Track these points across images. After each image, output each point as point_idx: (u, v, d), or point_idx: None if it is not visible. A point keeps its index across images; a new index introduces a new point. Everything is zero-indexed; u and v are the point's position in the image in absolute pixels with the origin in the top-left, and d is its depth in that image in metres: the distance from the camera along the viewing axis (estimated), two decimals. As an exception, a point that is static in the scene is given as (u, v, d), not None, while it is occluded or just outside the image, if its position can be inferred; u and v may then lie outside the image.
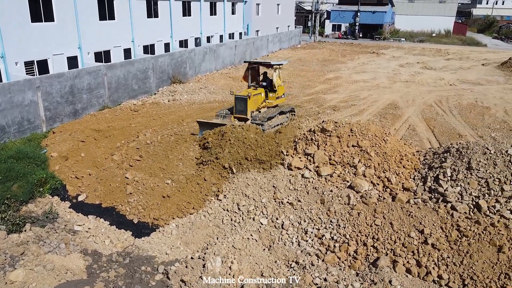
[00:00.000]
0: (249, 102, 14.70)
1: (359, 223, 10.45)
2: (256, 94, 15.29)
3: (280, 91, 16.41)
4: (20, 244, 9.78)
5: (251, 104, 14.94)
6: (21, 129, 15.09)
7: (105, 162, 14.20)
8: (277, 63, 16.05)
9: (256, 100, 15.37)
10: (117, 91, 19.64)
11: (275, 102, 16.32)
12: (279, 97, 16.44)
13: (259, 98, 15.60)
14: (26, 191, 11.61)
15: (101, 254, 9.81)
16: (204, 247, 10.38)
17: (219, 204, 11.80)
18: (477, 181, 10.65)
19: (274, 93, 16.11)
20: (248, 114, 14.90)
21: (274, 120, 15.50)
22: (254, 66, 16.33)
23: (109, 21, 23.03)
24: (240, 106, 14.95)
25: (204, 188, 12.26)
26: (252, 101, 14.96)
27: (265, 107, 16.04)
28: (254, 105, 15.27)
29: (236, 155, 12.72)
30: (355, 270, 9.60)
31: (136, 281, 8.80)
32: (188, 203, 12.07)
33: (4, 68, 17.02)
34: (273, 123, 15.40)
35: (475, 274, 9.00)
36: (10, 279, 8.63)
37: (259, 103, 15.64)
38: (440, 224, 10.04)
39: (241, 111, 14.98)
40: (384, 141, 12.48)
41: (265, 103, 15.96)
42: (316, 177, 12.07)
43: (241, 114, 15.00)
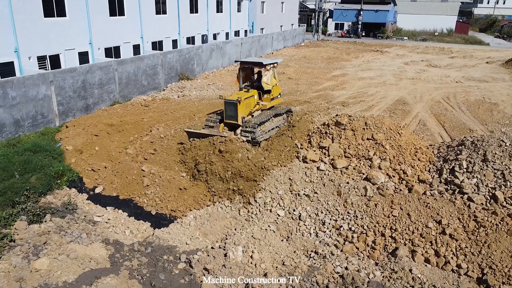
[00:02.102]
0: (239, 107, 13.62)
1: (377, 214, 10.54)
2: (247, 98, 14.17)
3: (275, 92, 15.38)
4: (42, 234, 9.86)
5: (242, 109, 13.83)
6: (35, 123, 15.17)
7: (119, 155, 14.31)
8: (271, 62, 14.88)
9: (248, 104, 14.23)
10: (127, 87, 19.72)
11: (270, 104, 15.20)
12: (274, 98, 15.43)
13: (251, 101, 14.44)
14: (45, 183, 11.70)
15: (123, 243, 9.91)
16: (223, 237, 10.48)
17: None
18: (493, 173, 10.76)
19: (268, 94, 15.07)
20: (239, 119, 13.82)
21: (267, 125, 14.63)
22: (246, 65, 15.12)
23: (119, 17, 23.13)
24: (230, 111, 13.80)
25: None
26: (243, 105, 13.87)
27: (259, 110, 14.99)
28: (246, 109, 14.14)
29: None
30: (374, 260, 9.70)
31: (159, 270, 8.89)
32: (204, 196, 12.19)
33: (18, 63, 17.12)
34: (267, 127, 14.52)
35: (494, 263, 9.10)
36: (35, 267, 8.71)
37: (251, 107, 14.48)
38: (457, 215, 10.14)
39: (231, 116, 13.86)
40: (398, 134, 12.58)
41: (258, 106, 14.87)
42: (332, 170, 12.17)
43: (231, 119, 13.91)
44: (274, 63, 15.04)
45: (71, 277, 8.54)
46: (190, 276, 8.67)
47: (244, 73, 15.31)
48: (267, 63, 14.55)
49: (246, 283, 8.44)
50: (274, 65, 15.06)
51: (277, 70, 15.35)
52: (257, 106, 14.83)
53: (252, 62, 15.01)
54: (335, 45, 48.52)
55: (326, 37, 60.13)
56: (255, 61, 15.05)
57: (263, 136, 14.08)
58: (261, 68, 14.67)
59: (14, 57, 17.06)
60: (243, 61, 15.17)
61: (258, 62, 14.71)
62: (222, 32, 35.44)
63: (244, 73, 15.34)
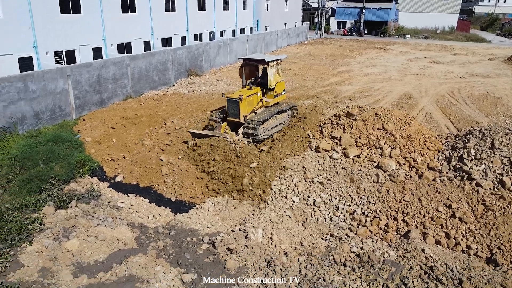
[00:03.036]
0: (241, 105, 13.60)
1: (389, 199, 10.99)
2: (250, 95, 14.10)
3: (279, 89, 15.31)
4: (70, 218, 10.33)
5: (244, 107, 13.80)
6: (53, 116, 15.63)
7: (135, 147, 14.77)
8: (274, 58, 14.69)
9: (250, 102, 14.21)
10: (139, 82, 20.18)
11: (273, 101, 15.18)
12: (278, 95, 15.34)
13: (254, 99, 14.40)
14: (68, 171, 12.16)
15: (147, 227, 10.37)
16: (241, 222, 10.94)
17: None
18: (500, 159, 11.20)
19: (272, 91, 15.00)
20: (241, 117, 13.81)
21: (270, 122, 14.54)
22: (250, 62, 14.97)
23: (130, 14, 23.63)
24: (233, 109, 13.79)
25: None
26: (246, 103, 13.84)
27: (262, 107, 14.95)
28: (249, 106, 14.11)
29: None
30: (387, 242, 10.14)
31: (184, 250, 9.35)
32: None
33: (36, 57, 17.61)
34: (269, 125, 14.45)
35: (502, 244, 9.53)
36: (66, 247, 9.19)
37: (254, 104, 14.45)
38: (466, 200, 10.58)
39: (233, 114, 13.88)
40: (408, 124, 13.02)
41: (261, 103, 14.80)
42: (344, 158, 12.62)
43: (233, 117, 13.93)
44: (278, 60, 14.87)
45: (102, 256, 9.01)
46: (214, 256, 9.13)
47: (247, 69, 15.20)
48: (270, 60, 14.37)
49: (268, 261, 8.90)
50: (278, 62, 14.92)
51: (281, 67, 15.29)
52: (260, 103, 14.73)
53: (255, 59, 14.85)
54: (338, 42, 48.97)
55: (328, 35, 60.56)
56: (258, 58, 14.86)
57: (266, 134, 14.06)
58: (264, 65, 14.53)
59: (32, 52, 17.57)
60: (246, 58, 14.98)
61: (261, 59, 14.53)
62: (228, 30, 35.93)
63: (248, 70, 15.22)
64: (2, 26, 16.56)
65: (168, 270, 8.66)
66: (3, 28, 16.60)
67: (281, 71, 15.23)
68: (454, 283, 8.28)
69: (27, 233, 9.50)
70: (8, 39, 16.83)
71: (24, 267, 8.55)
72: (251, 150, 13.08)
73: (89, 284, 8.17)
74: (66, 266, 8.70)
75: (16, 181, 11.38)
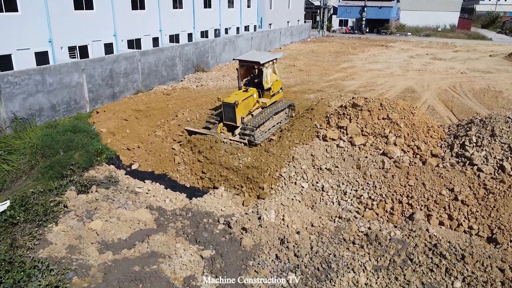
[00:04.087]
0: (237, 109, 13.62)
1: (394, 184, 11.53)
2: (246, 98, 13.98)
3: (275, 88, 15.16)
4: (91, 202, 10.88)
5: (241, 110, 13.80)
6: (68, 108, 16.19)
7: (148, 137, 15.33)
8: (269, 59, 14.43)
9: (247, 104, 14.12)
10: (149, 77, 20.73)
11: (271, 101, 15.08)
12: (274, 94, 15.25)
13: (250, 101, 14.29)
14: (86, 159, 12.71)
15: (165, 210, 10.92)
16: (254, 205, 11.49)
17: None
18: (501, 146, 11.73)
19: (268, 91, 14.82)
20: (238, 121, 13.86)
21: (267, 124, 14.51)
22: (244, 63, 14.76)
23: (140, 11, 24.21)
24: (229, 113, 13.82)
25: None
26: (242, 107, 13.81)
27: (259, 107, 14.87)
28: (245, 109, 14.05)
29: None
30: (393, 224, 10.68)
31: (201, 230, 9.90)
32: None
33: (52, 52, 18.19)
34: (267, 127, 14.45)
35: (502, 224, 10.06)
36: (90, 227, 9.74)
37: (251, 106, 14.33)
38: (468, 184, 11.11)
39: (230, 118, 13.91)
40: (412, 114, 13.55)
41: (258, 104, 14.68)
42: (350, 147, 13.16)
43: (230, 121, 14.00)
44: (273, 60, 14.63)
45: (124, 235, 9.57)
46: (229, 235, 9.67)
47: (243, 70, 15.00)
48: (264, 61, 14.09)
49: (281, 239, 9.44)
50: (273, 62, 14.67)
51: (277, 66, 15.16)
52: (256, 104, 14.59)
53: (250, 61, 14.50)
54: (340, 40, 49.47)
55: (330, 33, 61.05)
56: (253, 59, 14.46)
57: (263, 137, 14.09)
58: (258, 67, 14.29)
59: (48, 47, 18.16)
60: (241, 59, 14.74)
61: (256, 61, 14.19)
62: (233, 27, 36.50)
63: (244, 70, 15.04)
64: (20, 21, 17.17)
65: (188, 247, 9.21)
66: (21, 24, 17.22)
67: (282, 68, 15.54)
68: (457, 258, 8.81)
69: (52, 215, 10.05)
70: (25, 34, 17.45)
71: (52, 245, 9.10)
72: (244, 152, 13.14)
73: (114, 260, 8.71)
74: (92, 243, 9.25)
75: (39, 168, 11.94)
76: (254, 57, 14.68)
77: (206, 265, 8.69)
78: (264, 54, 15.09)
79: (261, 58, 14.40)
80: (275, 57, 14.92)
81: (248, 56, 15.07)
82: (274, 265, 8.70)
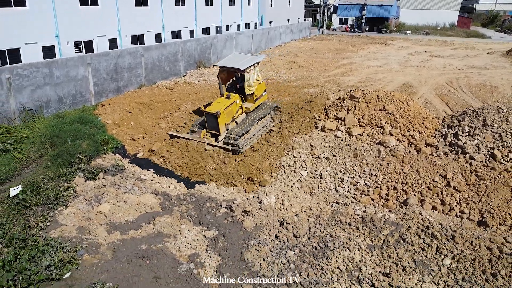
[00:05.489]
0: (220, 119, 13.62)
1: (389, 172, 12.00)
2: (229, 106, 13.94)
3: (259, 91, 15.04)
4: (99, 187, 11.37)
5: (223, 119, 13.79)
6: (75, 101, 16.67)
7: (152, 129, 15.81)
8: (250, 64, 14.26)
9: (230, 112, 14.07)
10: (152, 72, 21.21)
11: (254, 105, 14.99)
12: (258, 98, 15.14)
13: (233, 108, 14.23)
14: (93, 148, 13.20)
15: (170, 195, 11.40)
16: (254, 191, 11.96)
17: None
18: (492, 135, 12.20)
19: (252, 96, 14.76)
20: (221, 130, 13.89)
21: (252, 131, 14.49)
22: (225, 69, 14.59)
23: (143, 7, 24.72)
24: (211, 122, 13.81)
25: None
26: (224, 115, 13.79)
27: (243, 113, 14.81)
28: (228, 117, 14.02)
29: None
30: (387, 208, 11.15)
31: (204, 213, 10.38)
32: (234, 160, 13.65)
33: (58, 46, 18.69)
34: (251, 134, 14.42)
35: (492, 208, 10.54)
36: (99, 210, 10.23)
37: (234, 113, 14.28)
38: (461, 171, 11.59)
39: (213, 127, 13.92)
40: (407, 105, 14.02)
41: (242, 110, 14.65)
42: (348, 137, 13.63)
43: (213, 130, 14.01)
44: (254, 64, 14.50)
45: (131, 217, 10.05)
46: (231, 217, 10.14)
47: (225, 76, 14.93)
48: (245, 67, 13.94)
49: (281, 221, 9.91)
50: (255, 66, 14.55)
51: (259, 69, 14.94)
52: (240, 110, 14.51)
53: (231, 67, 14.28)
54: (340, 38, 49.92)
55: (330, 31, 61.50)
56: (233, 66, 14.21)
57: (248, 144, 14.06)
58: (239, 73, 14.17)
59: (55, 41, 18.68)
60: (221, 66, 14.56)
61: (236, 68, 13.99)
62: (234, 24, 37.01)
63: (225, 75, 14.97)
64: (28, 16, 17.68)
65: (192, 228, 9.69)
66: (29, 19, 17.74)
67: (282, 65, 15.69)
68: (447, 238, 9.27)
69: (62, 199, 10.53)
70: (33, 29, 17.96)
71: (63, 226, 9.58)
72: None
73: (122, 239, 9.19)
74: (100, 225, 9.73)
75: (48, 156, 12.42)
76: (234, 63, 14.37)
77: (209, 244, 9.17)
78: (245, 58, 14.89)
79: (241, 63, 14.16)
80: (257, 60, 14.72)
81: (228, 62, 14.69)
82: (274, 244, 9.18)
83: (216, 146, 13.81)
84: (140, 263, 8.33)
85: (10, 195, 10.13)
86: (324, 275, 8.21)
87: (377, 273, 8.28)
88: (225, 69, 14.65)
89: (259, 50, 34.92)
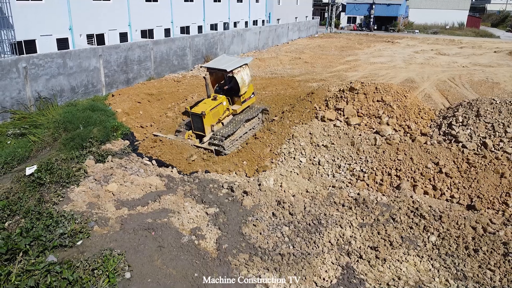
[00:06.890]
0: (205, 120, 13.63)
1: (384, 159, 12.53)
2: (214, 107, 13.93)
3: (247, 93, 15.05)
4: (107, 169, 12.08)
5: (209, 120, 13.80)
6: (86, 91, 17.46)
7: (160, 118, 16.51)
8: (237, 65, 14.30)
9: (216, 113, 14.06)
10: (160, 65, 21.95)
11: (242, 107, 14.98)
12: (246, 100, 15.09)
13: (219, 109, 14.19)
14: (104, 134, 13.92)
15: (174, 177, 12.08)
16: (255, 175, 12.58)
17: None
18: (484, 125, 12.65)
19: (239, 97, 14.79)
20: (206, 131, 13.91)
21: (237, 133, 14.47)
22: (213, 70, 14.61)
23: (153, 3, 25.53)
24: (197, 123, 13.87)
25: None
26: (210, 116, 13.79)
27: (230, 115, 14.79)
28: (214, 118, 14.01)
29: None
30: (381, 193, 11.69)
31: (207, 192, 11.03)
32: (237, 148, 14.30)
33: (72, 39, 19.52)
34: (237, 134, 14.43)
35: (481, 193, 11.01)
36: (107, 189, 10.93)
37: (220, 115, 14.23)
38: (453, 159, 12.06)
39: (198, 128, 13.96)
40: (404, 97, 14.52)
41: (228, 112, 14.62)
42: (346, 126, 14.17)
43: (199, 131, 14.06)
44: (243, 65, 14.56)
45: (138, 196, 10.74)
46: (232, 197, 10.78)
47: (212, 77, 14.99)
48: (231, 69, 14.03)
49: (278, 201, 10.52)
50: (243, 67, 14.60)
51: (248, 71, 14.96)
52: (227, 112, 14.51)
53: (217, 68, 14.37)
54: (347, 36, 50.30)
55: (338, 30, 61.86)
56: (220, 67, 14.34)
57: (233, 146, 14.15)
58: (225, 74, 14.25)
59: (68, 34, 19.52)
60: (209, 67, 14.62)
61: (222, 69, 14.13)
62: (241, 21, 37.67)
63: (213, 77, 15.03)
64: (44, 9, 18.54)
65: (195, 206, 10.36)
66: (44, 12, 18.59)
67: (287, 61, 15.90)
68: (435, 218, 9.81)
69: (74, 178, 11.26)
70: (48, 21, 18.84)
71: (74, 201, 10.31)
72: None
73: (129, 214, 9.88)
74: (109, 201, 10.44)
75: (61, 140, 13.18)
76: (221, 64, 14.50)
77: (210, 220, 9.82)
78: (233, 60, 15.01)
79: (228, 65, 14.33)
80: (244, 62, 14.79)
81: (216, 63, 14.89)
82: (270, 220, 9.80)
83: (201, 148, 13.90)
84: (146, 234, 9.01)
85: (26, 174, 10.89)
86: (316, 248, 8.80)
87: (365, 247, 8.85)
88: (213, 70, 14.80)
89: (266, 47, 35.52)
